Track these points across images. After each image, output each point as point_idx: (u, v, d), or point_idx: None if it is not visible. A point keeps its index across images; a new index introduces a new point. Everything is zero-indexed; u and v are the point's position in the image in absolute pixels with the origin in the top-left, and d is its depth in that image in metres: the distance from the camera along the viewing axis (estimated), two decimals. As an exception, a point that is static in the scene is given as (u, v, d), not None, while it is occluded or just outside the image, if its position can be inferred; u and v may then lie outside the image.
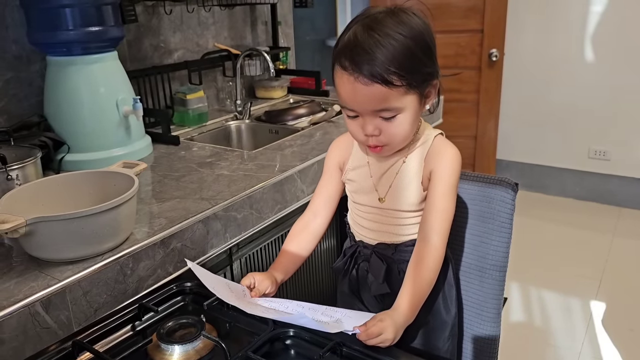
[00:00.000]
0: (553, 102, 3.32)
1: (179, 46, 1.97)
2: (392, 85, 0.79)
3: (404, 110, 0.82)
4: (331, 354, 0.74)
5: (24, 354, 0.83)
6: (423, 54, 0.81)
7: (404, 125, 0.84)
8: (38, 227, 0.90)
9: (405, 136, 0.86)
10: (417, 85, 0.81)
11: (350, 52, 0.79)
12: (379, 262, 0.96)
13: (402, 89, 0.79)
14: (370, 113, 0.82)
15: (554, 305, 2.32)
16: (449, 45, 3.04)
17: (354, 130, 0.87)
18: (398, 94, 0.80)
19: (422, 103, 0.86)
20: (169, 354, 0.76)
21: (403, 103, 0.81)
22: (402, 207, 0.93)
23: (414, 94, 0.82)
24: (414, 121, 0.86)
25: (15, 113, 1.49)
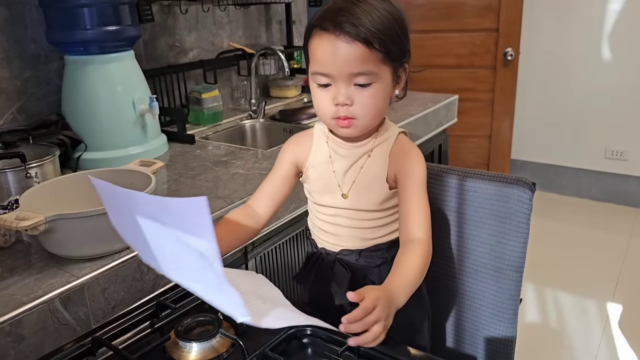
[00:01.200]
0: (569, 102, 3.29)
1: (194, 45, 1.98)
2: (372, 48, 0.77)
3: (379, 80, 0.80)
4: (348, 353, 0.74)
5: (43, 350, 0.84)
6: (401, 32, 0.81)
7: (376, 97, 0.81)
8: (57, 224, 0.91)
9: (376, 111, 0.83)
10: (394, 58, 0.81)
11: (333, 15, 0.78)
12: (342, 270, 0.91)
13: (380, 55, 0.78)
14: (345, 78, 0.79)
15: (569, 306, 2.30)
16: (464, 44, 3.02)
17: (323, 103, 0.82)
18: (377, 59, 0.78)
19: (394, 83, 0.84)
20: (186, 351, 0.77)
21: (380, 70, 0.79)
22: (366, 205, 0.89)
23: (389, 66, 0.81)
24: (385, 98, 0.83)
25: (33, 111, 1.51)
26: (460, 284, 1.12)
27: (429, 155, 2.15)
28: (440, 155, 2.25)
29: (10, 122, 1.47)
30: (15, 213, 0.89)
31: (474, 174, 1.10)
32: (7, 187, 1.17)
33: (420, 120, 1.95)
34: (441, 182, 1.12)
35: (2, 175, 1.16)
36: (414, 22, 3.43)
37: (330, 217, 0.92)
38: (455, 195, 1.11)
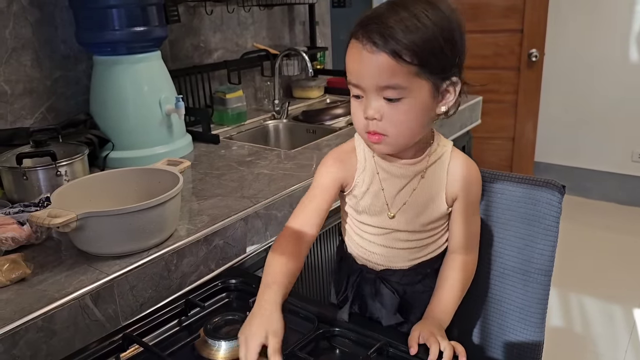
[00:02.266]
0: (595, 103, 3.23)
1: (219, 46, 1.99)
2: (400, 60, 0.71)
3: (411, 95, 0.73)
4: (377, 355, 0.74)
5: (74, 346, 0.85)
6: (445, 43, 0.72)
7: (409, 113, 0.74)
8: (88, 222, 0.92)
9: (408, 127, 0.76)
10: (432, 72, 0.73)
11: (365, 22, 0.73)
12: (390, 294, 0.88)
13: (412, 67, 0.71)
14: (374, 90, 0.74)
15: (595, 311, 2.26)
16: (487, 45, 2.99)
17: (356, 115, 0.79)
18: (407, 72, 0.71)
19: (436, 99, 0.76)
20: (215, 349, 0.77)
21: (411, 85, 0.72)
22: (413, 227, 0.86)
23: (426, 80, 0.73)
24: (422, 115, 0.76)
25: (62, 111, 1.54)
26: (487, 287, 1.10)
27: (452, 157, 2.13)
28: (464, 157, 2.23)
29: (40, 121, 1.49)
30: (47, 210, 0.91)
31: (501, 176, 1.09)
32: (38, 184, 1.19)
33: (445, 121, 1.93)
34: (468, 183, 1.11)
35: (33, 173, 1.19)
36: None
37: (377, 237, 0.88)
38: (482, 197, 1.10)
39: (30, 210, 1.07)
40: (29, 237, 1.01)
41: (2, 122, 1.42)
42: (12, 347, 0.79)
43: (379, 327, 0.81)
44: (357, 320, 0.83)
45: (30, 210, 1.07)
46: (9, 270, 0.89)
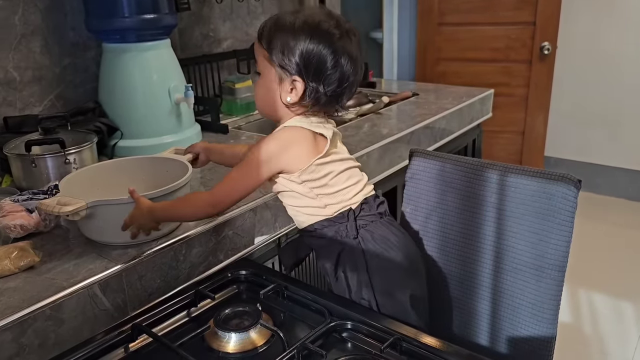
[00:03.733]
0: (607, 98, 3.19)
1: (229, 35, 1.97)
2: (260, 45, 0.94)
3: (262, 74, 0.96)
4: (390, 349, 0.73)
5: (82, 335, 0.84)
6: (292, 50, 0.90)
7: (259, 87, 0.98)
8: (97, 210, 0.91)
9: (259, 97, 0.99)
10: (275, 61, 0.92)
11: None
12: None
13: (265, 52, 0.93)
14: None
15: (604, 308, 2.24)
16: (499, 38, 2.96)
17: None
18: (262, 55, 0.94)
19: (279, 87, 0.94)
20: (225, 341, 0.76)
21: (263, 67, 0.95)
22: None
23: (272, 68, 0.93)
24: (268, 92, 0.95)
25: (71, 99, 1.53)
26: (499, 282, 1.09)
27: (462, 151, 2.11)
28: (474, 151, 2.21)
29: (48, 108, 1.48)
30: (56, 198, 0.90)
31: (515, 170, 1.07)
32: (47, 172, 1.18)
33: (455, 114, 1.91)
34: (481, 177, 1.10)
35: (42, 160, 1.18)
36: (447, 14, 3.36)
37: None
38: (495, 191, 1.09)
39: (39, 198, 1.06)
40: (38, 224, 1.00)
41: (11, 109, 1.41)
42: (20, 336, 0.78)
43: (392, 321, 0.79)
44: (370, 314, 0.81)
45: (39, 197, 1.06)
46: (17, 258, 0.88)
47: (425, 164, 1.17)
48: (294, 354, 0.71)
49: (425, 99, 2.06)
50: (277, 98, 0.95)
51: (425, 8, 3.09)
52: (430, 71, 3.15)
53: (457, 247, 1.12)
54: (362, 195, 0.99)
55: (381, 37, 3.41)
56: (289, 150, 0.93)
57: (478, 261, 1.10)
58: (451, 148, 1.97)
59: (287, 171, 0.94)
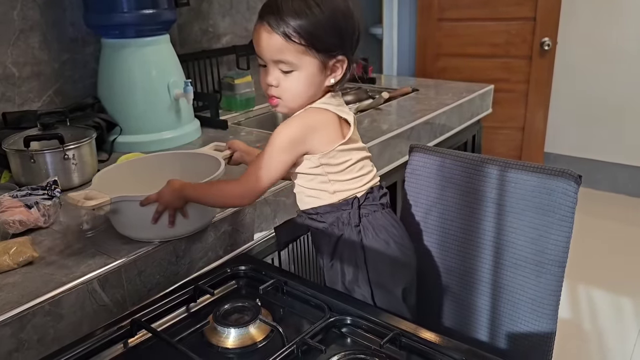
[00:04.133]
0: (607, 94, 3.18)
1: (228, 31, 1.97)
2: (290, 40, 0.86)
3: (299, 68, 0.89)
4: (390, 344, 0.72)
5: (82, 330, 0.84)
6: (330, 27, 0.87)
7: (297, 83, 0.90)
8: (122, 206, 0.93)
9: (297, 94, 0.91)
10: (317, 50, 0.88)
11: (266, 6, 0.89)
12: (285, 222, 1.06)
13: (300, 47, 0.87)
14: (271, 63, 0.90)
15: (603, 304, 2.24)
16: (499, 34, 2.95)
17: (262, 80, 0.95)
18: (295, 50, 0.87)
19: (324, 73, 0.91)
20: (224, 336, 0.76)
21: (300, 61, 0.88)
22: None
23: (313, 57, 0.88)
24: (310, 85, 0.91)
25: (70, 94, 1.52)
26: (499, 278, 1.09)
27: (462, 146, 2.10)
28: (474, 146, 2.21)
29: (47, 104, 1.48)
30: (84, 192, 0.91)
31: (516, 165, 1.07)
32: (46, 168, 1.18)
33: (455, 109, 1.91)
34: (481, 172, 1.09)
35: (40, 156, 1.18)
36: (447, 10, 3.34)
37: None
38: (495, 187, 1.09)
39: (37, 194, 1.06)
40: (37, 220, 1.00)
41: (10, 105, 1.40)
42: (19, 331, 0.78)
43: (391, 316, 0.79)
44: (369, 310, 0.81)
45: (38, 193, 1.06)
46: (16, 253, 0.88)
47: (425, 160, 1.16)
48: (293, 349, 0.71)
49: (425, 95, 2.05)
50: (321, 85, 0.92)
51: (425, 4, 3.08)
52: (430, 67, 3.14)
53: (456, 242, 1.12)
54: (369, 185, 0.99)
55: (381, 33, 3.41)
56: (316, 132, 0.92)
57: (478, 257, 1.10)
58: (451, 144, 1.97)
59: (310, 153, 0.93)
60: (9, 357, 0.78)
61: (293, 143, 0.91)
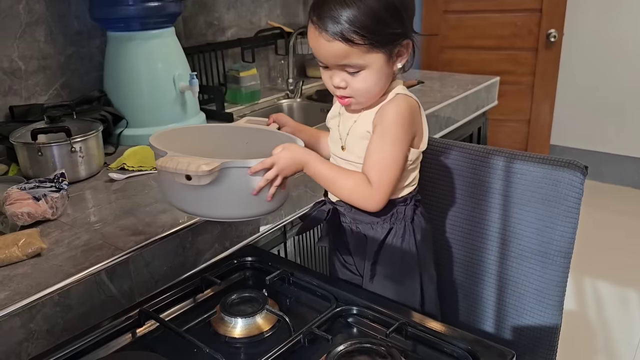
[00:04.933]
0: (613, 86, 3.16)
1: (233, 23, 1.97)
2: (352, 44, 0.81)
3: (367, 67, 0.85)
4: (396, 334, 0.73)
5: (90, 321, 0.85)
6: (389, 16, 0.82)
7: (368, 81, 0.86)
8: (226, 173, 0.81)
9: (369, 91, 0.88)
10: (382, 44, 0.83)
11: (318, 8, 0.83)
12: (323, 213, 0.97)
13: (363, 47, 0.82)
14: (336, 66, 0.86)
15: (609, 296, 2.24)
16: (505, 25, 2.93)
17: (325, 80, 0.91)
18: (360, 51, 0.82)
19: (390, 62, 0.87)
20: (232, 326, 0.77)
21: (366, 60, 0.84)
22: (357, 159, 0.92)
23: (378, 52, 0.84)
24: (380, 78, 0.87)
25: (76, 87, 1.53)
26: (505, 269, 1.09)
27: (467, 139, 2.10)
28: (480, 139, 2.20)
29: (54, 97, 1.49)
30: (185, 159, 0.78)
31: (522, 156, 1.06)
32: (53, 161, 1.19)
33: (460, 102, 1.91)
34: (487, 163, 1.09)
35: (48, 149, 1.18)
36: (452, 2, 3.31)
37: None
38: (501, 178, 1.08)
39: (45, 186, 1.06)
40: (45, 212, 1.01)
41: (17, 98, 1.41)
42: (29, 321, 0.79)
43: (398, 306, 0.80)
44: (375, 299, 0.82)
45: (46, 186, 1.07)
46: (25, 245, 0.89)
47: (431, 152, 1.16)
48: (299, 339, 0.72)
49: (430, 87, 2.05)
50: (391, 73, 0.89)
51: (430, -5, 3.07)
52: (435, 59, 3.12)
53: (462, 233, 1.12)
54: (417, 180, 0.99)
55: (386, 25, 3.39)
56: (415, 120, 0.90)
57: (483, 248, 1.10)
58: (456, 136, 1.96)
59: (412, 144, 0.91)
60: (19, 347, 0.79)
61: (407, 133, 0.88)
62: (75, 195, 1.15)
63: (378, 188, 0.87)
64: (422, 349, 0.73)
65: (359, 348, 0.68)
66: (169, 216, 1.03)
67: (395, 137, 0.88)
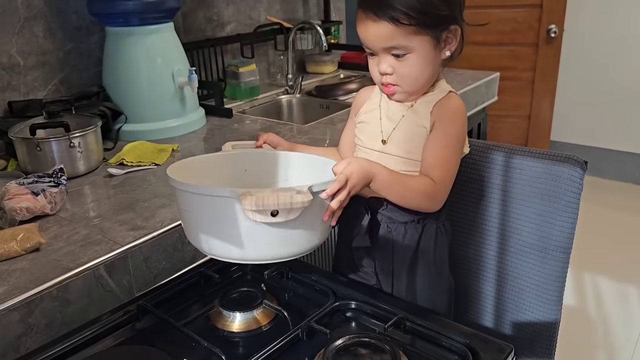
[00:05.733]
0: (614, 82, 3.16)
1: (232, 19, 1.96)
2: (399, 24, 0.80)
3: (413, 50, 0.83)
4: (394, 329, 0.73)
5: (89, 316, 0.85)
6: (438, 1, 0.81)
7: (414, 66, 0.84)
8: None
9: (416, 78, 0.86)
10: (429, 27, 0.82)
11: None
12: (362, 210, 0.91)
13: (410, 28, 0.80)
14: (382, 51, 0.84)
15: (609, 292, 2.24)
16: (505, 21, 2.92)
17: (372, 69, 0.89)
18: (406, 32, 0.81)
19: (438, 48, 0.85)
20: (230, 320, 0.76)
21: (412, 43, 0.82)
22: (402, 153, 0.90)
23: (425, 35, 0.82)
24: (427, 64, 0.85)
25: (75, 83, 1.53)
26: (504, 264, 1.09)
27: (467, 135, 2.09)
28: (479, 134, 2.20)
29: (53, 93, 1.48)
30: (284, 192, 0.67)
31: (521, 151, 1.06)
32: (52, 156, 1.19)
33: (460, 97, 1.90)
34: (486, 158, 1.09)
35: (46, 144, 1.18)
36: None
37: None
38: (500, 173, 1.08)
39: (44, 181, 1.06)
40: (43, 207, 1.01)
41: (16, 94, 1.41)
42: (27, 316, 0.79)
43: (396, 300, 0.80)
44: (374, 294, 0.82)
45: (44, 181, 1.06)
46: (23, 239, 0.89)
47: (430, 146, 1.16)
48: (298, 333, 0.72)
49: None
50: (438, 61, 0.87)
51: (430, -9, 3.06)
52: (435, 55, 3.12)
53: (461, 228, 1.12)
54: None
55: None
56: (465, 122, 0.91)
57: (483, 243, 1.10)
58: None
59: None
60: (17, 341, 0.79)
61: (465, 130, 0.90)
62: (74, 191, 1.15)
63: (442, 185, 0.86)
64: (420, 343, 0.73)
65: (357, 342, 0.68)
66: (167, 211, 1.03)
67: (457, 135, 0.88)
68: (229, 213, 0.67)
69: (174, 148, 1.36)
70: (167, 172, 0.77)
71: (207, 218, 0.71)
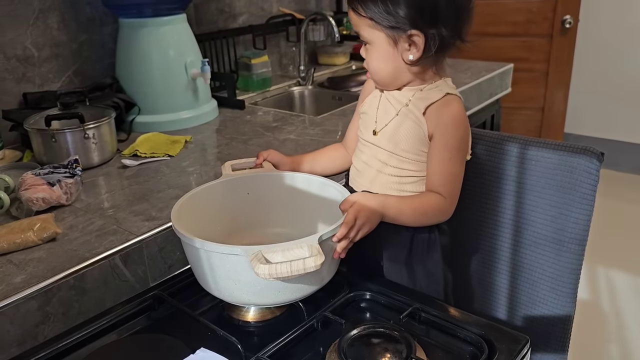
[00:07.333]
0: (630, 73, 3.11)
1: (244, 10, 1.96)
2: (358, 15, 0.85)
3: (372, 43, 0.87)
4: (409, 319, 0.73)
5: (105, 305, 0.86)
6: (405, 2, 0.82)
7: (374, 59, 0.88)
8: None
9: (374, 70, 0.90)
10: (384, 26, 0.84)
11: None
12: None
13: (367, 20, 0.85)
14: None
15: (623, 286, 2.22)
16: (519, 11, 2.89)
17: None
18: (366, 25, 0.85)
19: (397, 49, 0.86)
20: (245, 310, 0.77)
21: (371, 36, 0.86)
22: (390, 147, 0.91)
23: (381, 32, 0.85)
24: (386, 60, 0.87)
25: (89, 74, 1.53)
26: (518, 256, 1.08)
27: (480, 126, 2.08)
28: (493, 126, 2.18)
29: (67, 84, 1.49)
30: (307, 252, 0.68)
31: (536, 142, 1.05)
32: (67, 147, 1.20)
33: (473, 89, 1.88)
34: (501, 150, 1.08)
35: (61, 135, 1.19)
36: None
37: (361, 152, 0.98)
38: (515, 164, 1.07)
39: (59, 172, 1.07)
40: (59, 198, 1.02)
41: (30, 85, 1.42)
42: (45, 304, 0.80)
43: (411, 292, 0.80)
44: (388, 285, 0.82)
45: (60, 171, 1.07)
46: (40, 229, 0.90)
47: (444, 138, 1.15)
48: (313, 323, 0.72)
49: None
50: (398, 62, 0.87)
51: (443, -19, 3.03)
52: (448, 46, 3.09)
53: (476, 220, 1.12)
54: None
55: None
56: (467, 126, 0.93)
57: (497, 235, 1.09)
58: (470, 123, 1.94)
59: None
60: (35, 329, 0.80)
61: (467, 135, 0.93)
62: (89, 181, 1.16)
63: (451, 197, 0.89)
64: (435, 334, 0.72)
65: (372, 332, 0.68)
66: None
67: (460, 144, 0.90)
68: (240, 268, 0.69)
69: (187, 139, 1.37)
70: (172, 220, 0.77)
71: (217, 270, 0.72)
